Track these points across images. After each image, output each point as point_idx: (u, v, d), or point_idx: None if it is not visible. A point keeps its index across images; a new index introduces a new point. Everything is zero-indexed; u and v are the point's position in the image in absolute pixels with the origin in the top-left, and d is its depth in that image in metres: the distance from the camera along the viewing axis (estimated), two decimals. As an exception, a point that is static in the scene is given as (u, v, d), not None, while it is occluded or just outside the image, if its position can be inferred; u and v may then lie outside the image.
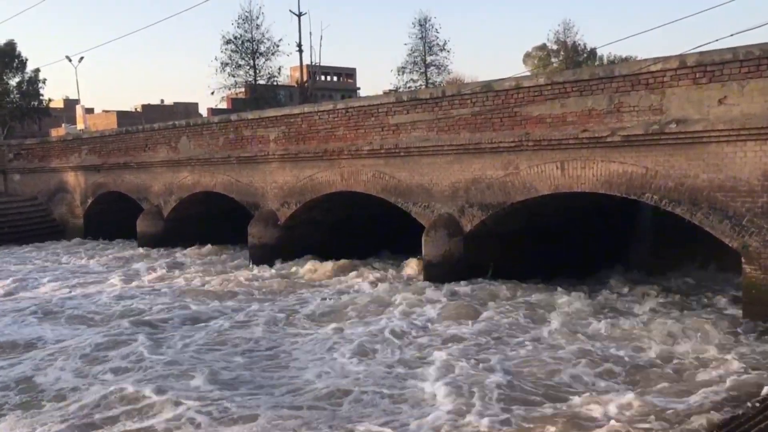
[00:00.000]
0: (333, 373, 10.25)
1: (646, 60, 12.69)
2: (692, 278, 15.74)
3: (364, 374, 10.08)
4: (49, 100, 60.97)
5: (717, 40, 12.31)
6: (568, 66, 60.14)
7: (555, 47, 67.08)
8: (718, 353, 10.34)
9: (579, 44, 67.15)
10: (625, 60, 55.54)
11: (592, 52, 66.62)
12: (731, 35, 13.59)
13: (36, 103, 57.62)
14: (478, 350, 10.98)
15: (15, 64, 55.76)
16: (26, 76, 56.43)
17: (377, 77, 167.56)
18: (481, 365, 10.14)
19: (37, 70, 56.55)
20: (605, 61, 65.09)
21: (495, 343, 11.37)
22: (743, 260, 11.70)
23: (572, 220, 16.26)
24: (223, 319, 13.72)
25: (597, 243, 16.95)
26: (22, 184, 31.00)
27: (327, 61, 69.69)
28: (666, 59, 12.07)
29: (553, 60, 66.45)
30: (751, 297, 11.68)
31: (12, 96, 56.36)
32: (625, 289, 14.89)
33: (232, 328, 13.00)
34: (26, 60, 56.25)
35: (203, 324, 13.47)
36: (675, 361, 10.23)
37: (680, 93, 11.95)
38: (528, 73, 42.45)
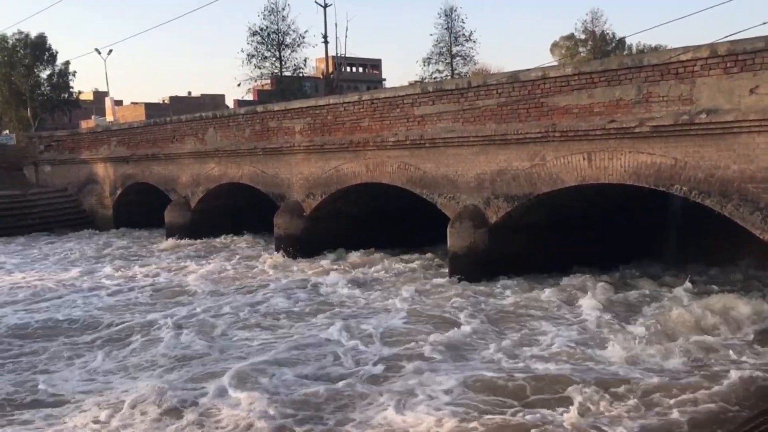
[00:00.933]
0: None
1: (675, 49, 12.48)
2: (719, 271, 15.48)
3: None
4: (79, 92, 61.94)
5: (748, 29, 12.03)
6: (596, 56, 59.38)
7: (583, 37, 66.27)
8: (733, 352, 10.14)
9: (607, 33, 66.27)
10: (655, 49, 54.72)
11: (621, 42, 65.69)
12: (763, 23, 13.31)
13: (66, 96, 58.53)
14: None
15: (45, 57, 56.66)
16: (56, 69, 57.33)
17: (403, 68, 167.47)
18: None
19: (67, 63, 57.49)
20: (634, 50, 64.20)
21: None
22: (775, 253, 11.50)
23: (599, 212, 16.10)
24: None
25: (625, 235, 16.75)
26: (52, 176, 31.51)
27: (352, 52, 69.49)
28: (696, 48, 11.86)
29: (580, 50, 65.64)
30: (783, 290, 11.48)
31: (43, 88, 57.30)
32: (648, 283, 14.69)
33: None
34: (56, 53, 57.23)
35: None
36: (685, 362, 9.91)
37: (711, 82, 11.74)
38: (555, 63, 42.01)
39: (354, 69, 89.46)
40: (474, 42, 58.07)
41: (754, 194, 11.55)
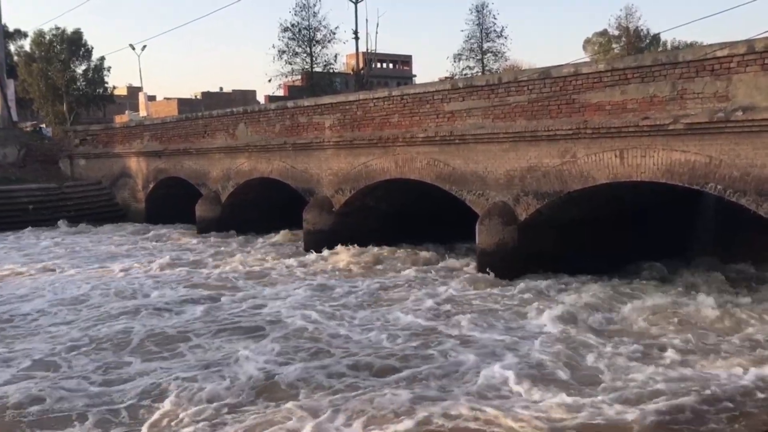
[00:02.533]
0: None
1: (711, 45, 12.25)
2: (756, 271, 15.17)
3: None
4: (114, 87, 62.75)
5: (788, 24, 11.77)
6: (630, 52, 58.53)
7: (616, 33, 65.36)
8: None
9: (642, 30, 65.27)
10: (690, 46, 53.77)
11: (655, 38, 64.67)
12: (804, 19, 13.00)
13: (101, 91, 59.34)
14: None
15: (81, 53, 57.50)
16: (92, 64, 58.16)
17: (433, 64, 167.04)
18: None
19: (102, 59, 58.31)
20: (669, 46, 63.16)
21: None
22: (812, 254, 11.25)
23: (631, 210, 15.90)
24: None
25: (657, 233, 16.53)
26: (87, 169, 32.05)
27: (383, 48, 69.79)
28: (733, 44, 11.64)
29: (614, 46, 64.76)
30: (820, 292, 11.23)
31: (78, 83, 58.13)
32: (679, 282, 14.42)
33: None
34: (92, 48, 58.04)
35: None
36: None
37: (748, 79, 11.50)
38: (587, 60, 41.49)
39: (384, 65, 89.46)
40: (505, 38, 58.04)
41: (792, 193, 11.30)
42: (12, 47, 56.31)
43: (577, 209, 15.39)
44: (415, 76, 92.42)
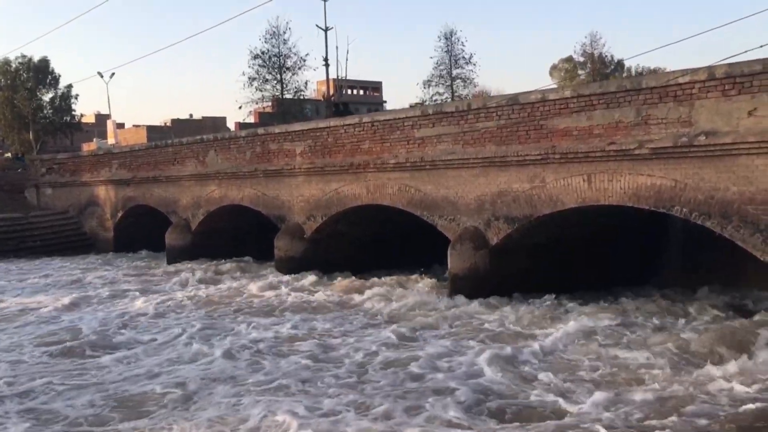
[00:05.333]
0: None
1: (674, 72, 12.57)
2: (723, 295, 15.39)
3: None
4: (81, 115, 62.10)
5: (746, 52, 12.12)
6: (595, 78, 59.68)
7: (582, 59, 66.64)
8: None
9: (606, 56, 66.63)
10: (653, 72, 55.05)
11: (620, 64, 66.09)
12: (761, 46, 13.42)
13: (68, 119, 58.71)
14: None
15: (48, 80, 56.98)
16: (59, 92, 57.58)
17: (403, 91, 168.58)
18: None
19: (69, 86, 57.74)
20: (633, 73, 64.49)
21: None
22: (776, 274, 11.47)
23: (602, 233, 16.08)
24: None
25: (627, 256, 16.74)
26: (54, 198, 31.57)
27: (353, 75, 70.00)
28: (694, 71, 11.94)
29: (579, 72, 65.95)
30: (784, 312, 11.42)
31: (45, 111, 57.48)
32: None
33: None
34: (59, 76, 57.51)
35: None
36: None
37: (709, 105, 11.80)
38: (554, 86, 42.22)
39: (355, 91, 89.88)
40: (474, 65, 58.67)
41: (754, 216, 11.56)
42: (-23, 75, 55.49)
43: (548, 233, 15.54)
44: (385, 102, 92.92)
